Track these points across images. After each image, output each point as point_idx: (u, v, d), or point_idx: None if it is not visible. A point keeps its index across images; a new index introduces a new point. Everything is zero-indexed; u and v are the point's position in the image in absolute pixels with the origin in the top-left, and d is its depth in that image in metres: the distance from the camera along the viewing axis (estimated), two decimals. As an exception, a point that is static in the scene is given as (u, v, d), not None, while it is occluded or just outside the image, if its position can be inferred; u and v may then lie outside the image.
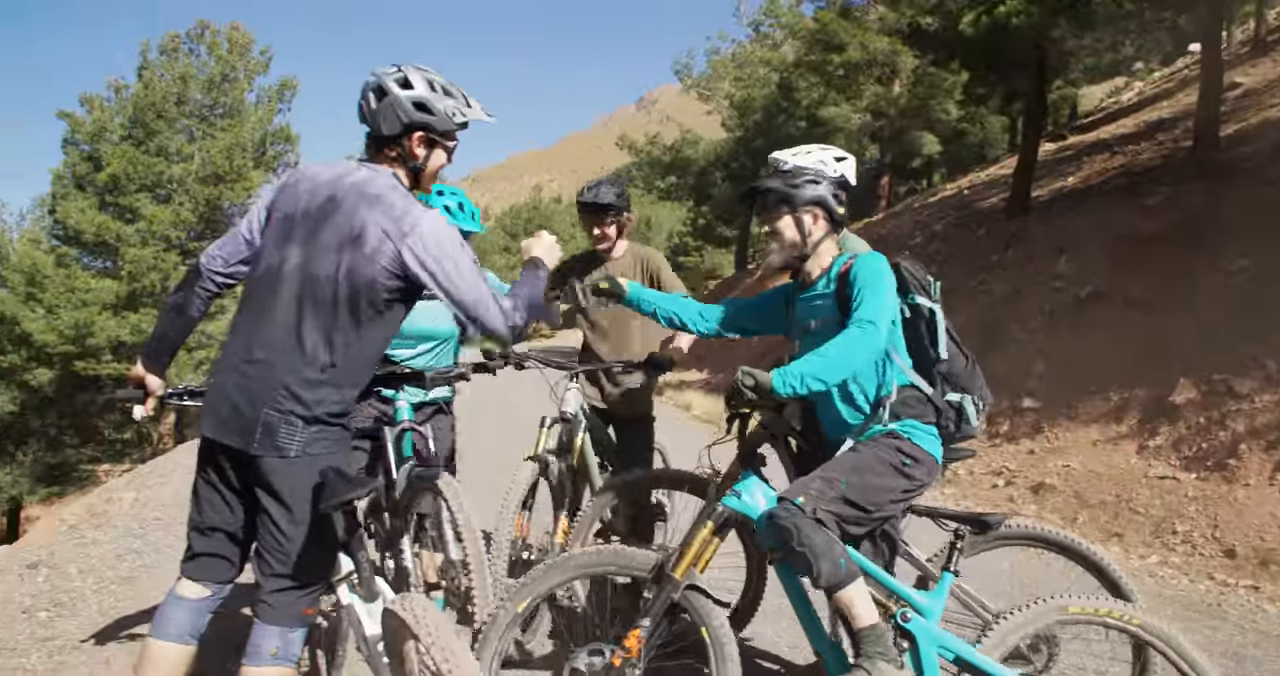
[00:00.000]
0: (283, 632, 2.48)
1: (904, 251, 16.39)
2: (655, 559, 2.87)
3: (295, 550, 2.47)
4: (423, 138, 2.63)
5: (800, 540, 2.59)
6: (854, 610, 2.64)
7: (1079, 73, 19.52)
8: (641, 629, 2.77)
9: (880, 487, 2.80)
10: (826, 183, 3.06)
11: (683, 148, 33.39)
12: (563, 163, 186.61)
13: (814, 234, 3.05)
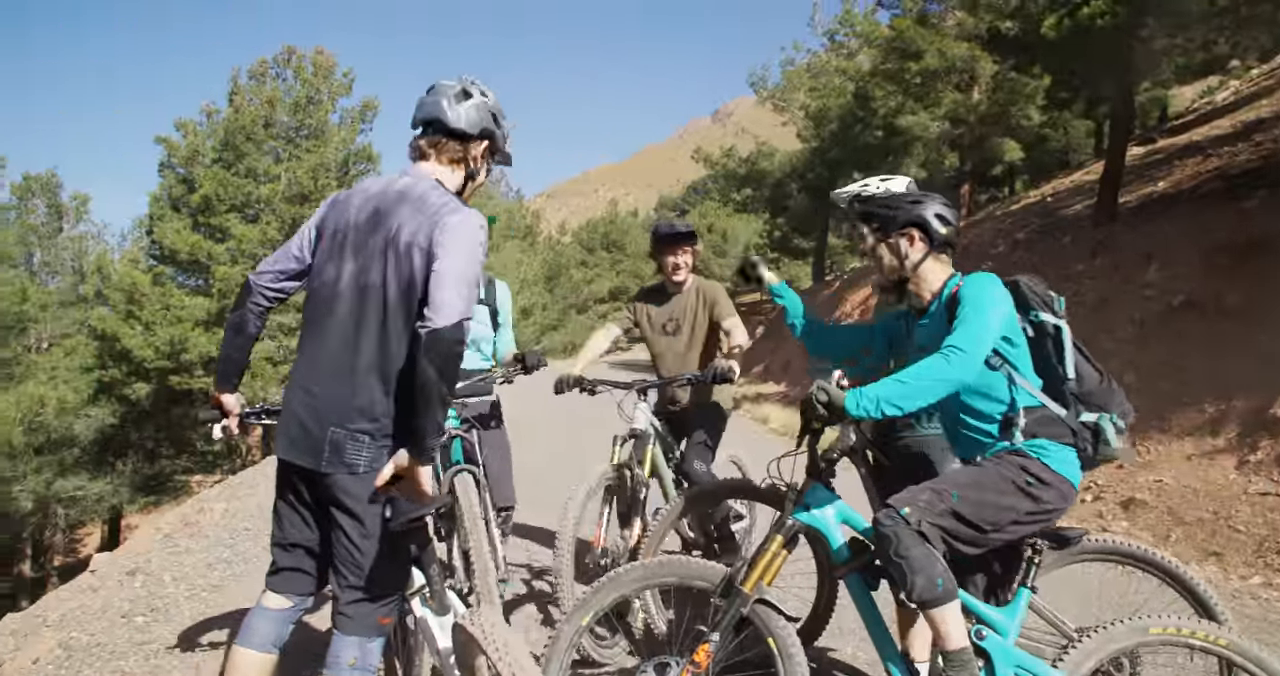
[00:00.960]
0: (361, 642, 2.53)
1: (986, 261, 16.10)
2: (723, 571, 2.85)
3: (369, 563, 2.52)
4: (486, 148, 2.76)
5: (898, 550, 2.55)
6: (944, 629, 2.57)
7: (1169, 73, 18.81)
8: (710, 643, 2.74)
9: (997, 506, 2.68)
10: (928, 202, 2.98)
11: (758, 160, 33.32)
12: (638, 176, 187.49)
13: (911, 257, 2.97)
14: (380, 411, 2.49)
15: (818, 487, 2.91)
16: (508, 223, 34.79)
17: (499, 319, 4.80)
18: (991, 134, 23.09)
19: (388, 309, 2.49)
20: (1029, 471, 2.70)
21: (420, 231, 2.48)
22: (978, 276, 2.85)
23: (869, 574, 2.84)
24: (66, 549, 25.59)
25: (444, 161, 2.70)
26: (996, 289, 2.78)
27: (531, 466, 7.61)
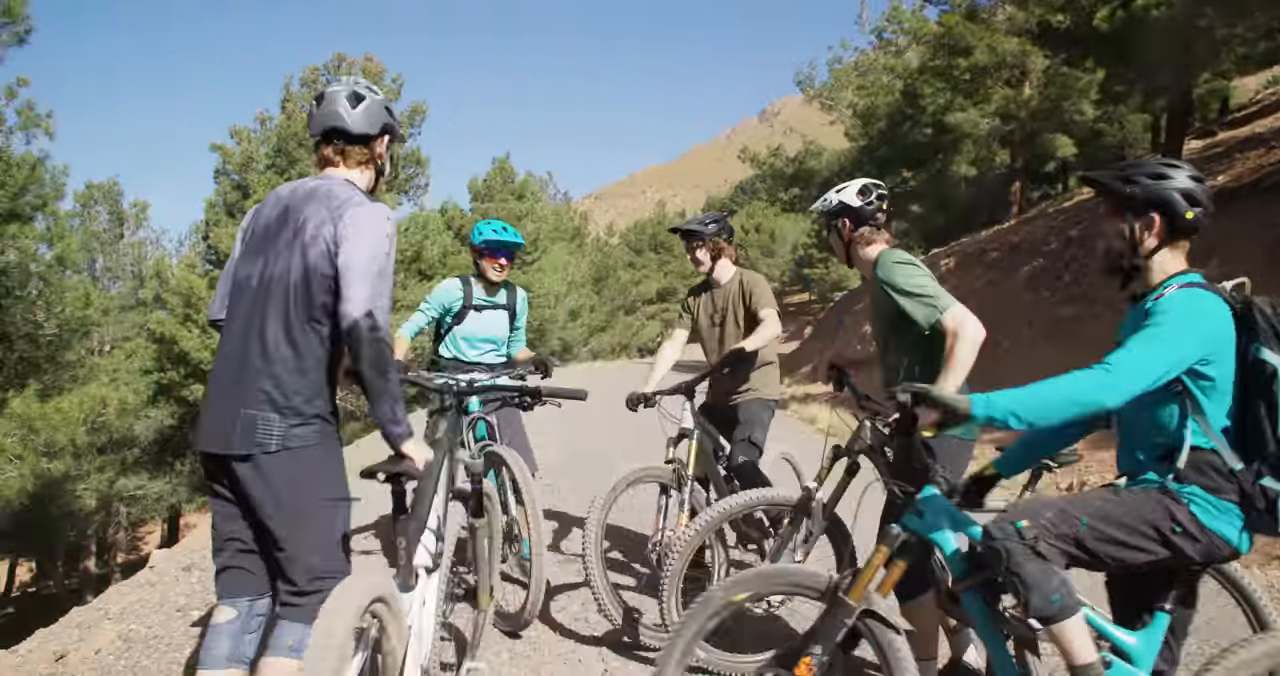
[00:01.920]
0: (304, 628, 2.48)
1: (1038, 258, 15.82)
2: (829, 580, 2.67)
3: (300, 549, 2.53)
4: (388, 141, 2.86)
5: (1010, 566, 2.36)
6: (1068, 646, 2.38)
7: (1230, 63, 18.31)
8: (813, 656, 2.59)
9: (1129, 546, 2.41)
10: (1174, 177, 2.56)
11: (806, 159, 33.03)
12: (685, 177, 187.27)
13: (1146, 243, 2.59)
14: (289, 391, 2.54)
15: (932, 493, 2.67)
16: (555, 225, 34.96)
17: (516, 322, 5.29)
18: (1043, 130, 22.66)
19: (289, 297, 2.56)
20: (1176, 519, 2.40)
21: (325, 224, 2.57)
22: (1199, 297, 2.45)
23: (988, 589, 2.59)
24: (129, 546, 26.26)
25: (352, 165, 2.79)
26: (1200, 309, 2.42)
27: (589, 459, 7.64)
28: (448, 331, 5.16)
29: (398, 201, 19.69)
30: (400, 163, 19.85)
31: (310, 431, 2.56)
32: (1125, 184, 2.58)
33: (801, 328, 37.58)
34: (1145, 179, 2.56)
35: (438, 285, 5.21)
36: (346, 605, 2.15)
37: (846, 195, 3.69)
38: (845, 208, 3.68)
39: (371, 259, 2.53)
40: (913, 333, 3.42)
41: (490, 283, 5.14)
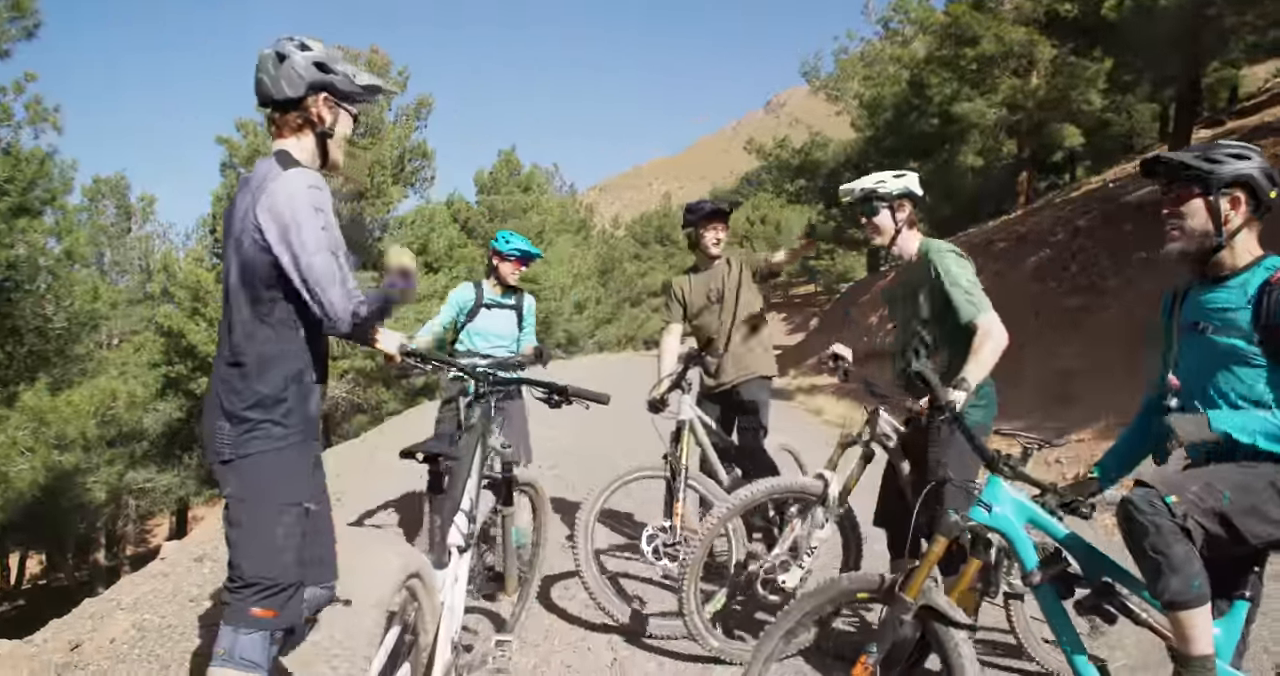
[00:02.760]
0: (234, 633, 2.46)
1: (1044, 248, 15.78)
2: (883, 579, 2.66)
3: (240, 551, 2.48)
4: (327, 100, 2.60)
5: (1156, 545, 2.30)
6: (1192, 633, 2.33)
7: (1239, 52, 18.22)
8: (869, 655, 2.56)
9: (1270, 519, 2.37)
10: (1254, 157, 2.56)
11: (811, 150, 32.98)
12: (691, 169, 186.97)
13: (1232, 221, 2.57)
14: (238, 398, 2.48)
15: (996, 483, 2.63)
16: (561, 217, 34.98)
17: (524, 324, 5.63)
18: (1051, 119, 22.58)
19: (237, 300, 2.50)
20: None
21: (248, 211, 2.45)
22: None
23: (1062, 583, 2.58)
24: (137, 539, 26.42)
25: (288, 133, 2.61)
26: None
27: (585, 457, 7.67)
28: (462, 328, 5.52)
29: (404, 194, 19.68)
30: (407, 155, 19.86)
31: (259, 439, 2.49)
32: (1209, 163, 2.56)
33: (807, 319, 37.52)
34: (1228, 158, 2.55)
35: (453, 290, 5.61)
36: (385, 581, 2.17)
37: (911, 182, 3.80)
38: (910, 193, 3.79)
39: (318, 244, 2.40)
40: (950, 321, 3.53)
41: (503, 285, 5.54)
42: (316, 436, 2.68)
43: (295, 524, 2.53)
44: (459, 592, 2.83)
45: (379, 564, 2.24)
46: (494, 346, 5.49)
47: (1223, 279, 2.61)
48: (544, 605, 4.65)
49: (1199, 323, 2.65)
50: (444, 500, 2.73)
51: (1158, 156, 2.68)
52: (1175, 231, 2.66)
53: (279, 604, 2.49)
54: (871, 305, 24.16)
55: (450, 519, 2.77)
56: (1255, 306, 2.49)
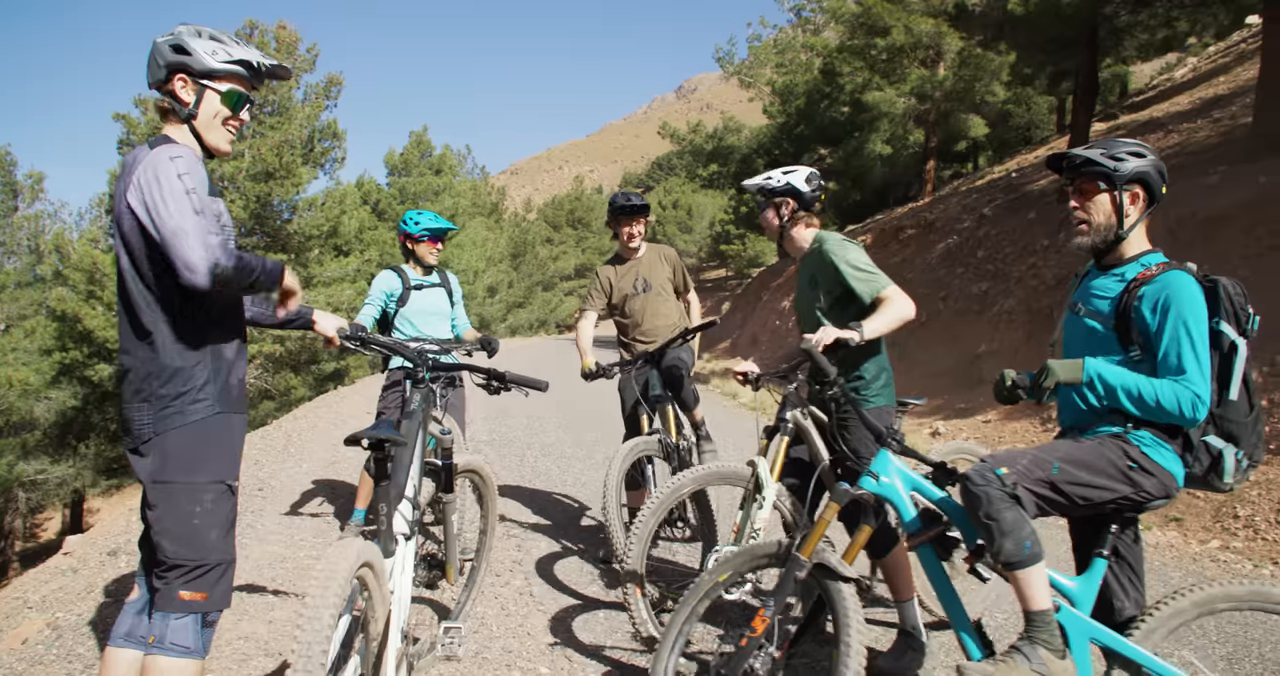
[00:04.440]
0: (163, 618, 2.43)
1: (952, 235, 16.25)
2: (782, 543, 2.89)
3: (161, 533, 2.45)
4: (184, 80, 2.57)
5: (989, 512, 2.54)
6: (1029, 592, 2.56)
7: (1131, 51, 19.06)
8: (766, 609, 2.78)
9: (1094, 485, 2.62)
10: (1150, 158, 2.78)
11: (724, 135, 33.23)
12: (603, 153, 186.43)
13: (1131, 216, 2.79)
14: (150, 377, 2.47)
15: (884, 456, 2.90)
16: (473, 200, 34.54)
17: (453, 299, 5.66)
18: (956, 110, 23.27)
19: (128, 283, 2.51)
20: (1130, 456, 2.64)
21: (123, 194, 2.47)
22: (1187, 282, 2.65)
23: (940, 544, 2.82)
24: (26, 534, 25.22)
25: (167, 120, 2.62)
26: (1195, 293, 2.64)
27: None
28: (395, 314, 5.44)
29: (314, 174, 19.11)
30: (316, 135, 19.28)
31: (177, 414, 2.46)
32: (1114, 160, 2.76)
33: (719, 303, 37.92)
34: (1129, 156, 2.76)
35: (376, 280, 5.50)
36: (338, 569, 2.16)
37: (796, 179, 3.87)
38: (793, 190, 3.86)
39: (180, 209, 2.34)
40: (853, 308, 3.66)
41: (424, 265, 5.53)
42: (241, 410, 2.63)
43: (218, 501, 2.50)
44: (406, 580, 2.81)
45: (333, 555, 2.21)
46: (432, 327, 5.44)
47: (1111, 266, 2.85)
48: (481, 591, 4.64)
49: (1076, 303, 2.90)
50: (389, 487, 2.69)
51: (1066, 153, 2.88)
52: (1083, 225, 2.85)
53: (208, 585, 2.47)
54: (785, 289, 24.56)
55: (395, 506, 2.74)
56: (1119, 296, 2.74)
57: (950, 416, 11.30)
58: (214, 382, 2.51)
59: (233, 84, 2.62)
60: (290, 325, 3.09)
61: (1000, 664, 2.51)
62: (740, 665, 2.79)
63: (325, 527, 5.77)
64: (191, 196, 2.37)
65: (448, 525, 3.43)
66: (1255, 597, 2.62)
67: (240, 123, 2.69)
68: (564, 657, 3.79)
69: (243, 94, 2.65)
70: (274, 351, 18.52)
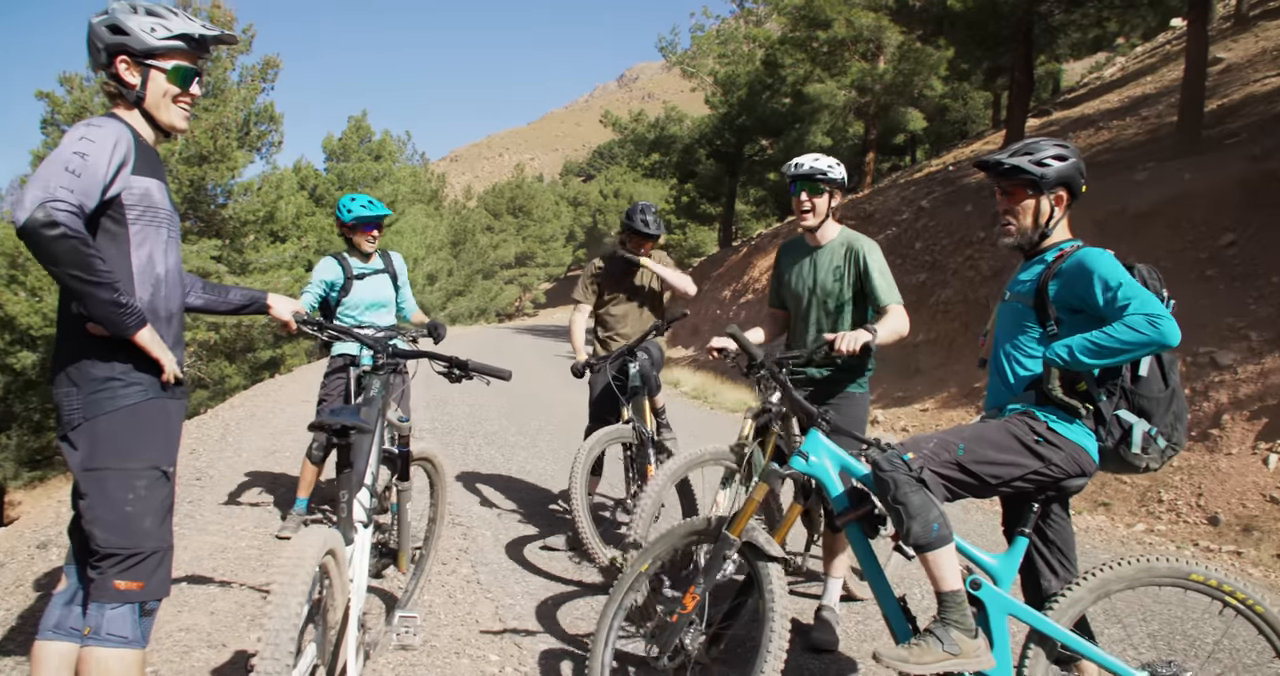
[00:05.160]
0: (99, 608, 2.37)
1: (891, 227, 16.52)
2: (711, 521, 2.96)
3: (93, 521, 2.40)
4: (127, 63, 2.49)
5: (896, 496, 2.62)
6: (939, 573, 2.64)
7: (1064, 49, 19.57)
8: (696, 586, 2.85)
9: (1001, 461, 2.71)
10: (1072, 158, 2.91)
11: (667, 125, 33.27)
12: (544, 141, 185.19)
13: (1055, 216, 2.94)
14: (83, 363, 2.41)
15: (815, 436, 2.97)
16: (413, 187, 34.06)
17: (398, 282, 5.51)
18: (895, 103, 23.65)
19: None
20: (1036, 431, 2.73)
21: None
22: (1102, 252, 2.78)
23: (867, 522, 2.89)
24: (-56, 527, 24.35)
25: (119, 103, 2.56)
26: (1117, 262, 2.75)
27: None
28: (337, 304, 5.32)
29: (250, 158, 18.68)
30: (253, 118, 18.84)
31: (107, 398, 2.40)
32: (1039, 167, 2.89)
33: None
34: (1053, 161, 2.89)
35: (316, 267, 5.37)
36: (304, 557, 2.15)
37: (845, 174, 4.05)
38: (844, 185, 4.06)
39: (52, 159, 2.25)
40: (858, 310, 4.03)
41: (362, 252, 5.39)
42: (179, 396, 2.57)
43: (152, 488, 2.44)
44: (364, 568, 2.79)
45: (299, 542, 2.20)
46: (375, 317, 5.35)
47: (1034, 255, 3.00)
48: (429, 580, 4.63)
49: (1005, 293, 3.06)
50: (350, 474, 2.67)
51: (997, 160, 3.00)
52: (1010, 227, 3.00)
53: (144, 573, 2.41)
54: (724, 279, 24.70)
55: (356, 493, 2.72)
56: (1039, 275, 2.89)
57: (889, 404, 11.52)
58: (148, 368, 2.45)
59: (177, 60, 2.53)
60: (244, 310, 3.03)
61: (914, 647, 2.59)
62: (671, 639, 2.86)
63: (265, 517, 5.68)
64: (74, 156, 2.27)
65: (402, 513, 3.41)
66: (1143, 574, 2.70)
67: (192, 98, 2.60)
68: (513, 644, 3.80)
69: (189, 68, 2.57)
70: (208, 339, 18.10)
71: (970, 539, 2.92)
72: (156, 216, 2.51)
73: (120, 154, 2.38)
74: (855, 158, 27.03)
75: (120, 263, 2.42)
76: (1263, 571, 5.58)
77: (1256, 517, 6.20)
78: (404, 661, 3.51)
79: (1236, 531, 6.18)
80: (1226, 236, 9.25)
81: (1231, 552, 5.92)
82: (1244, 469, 6.73)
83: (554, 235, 61.79)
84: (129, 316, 2.33)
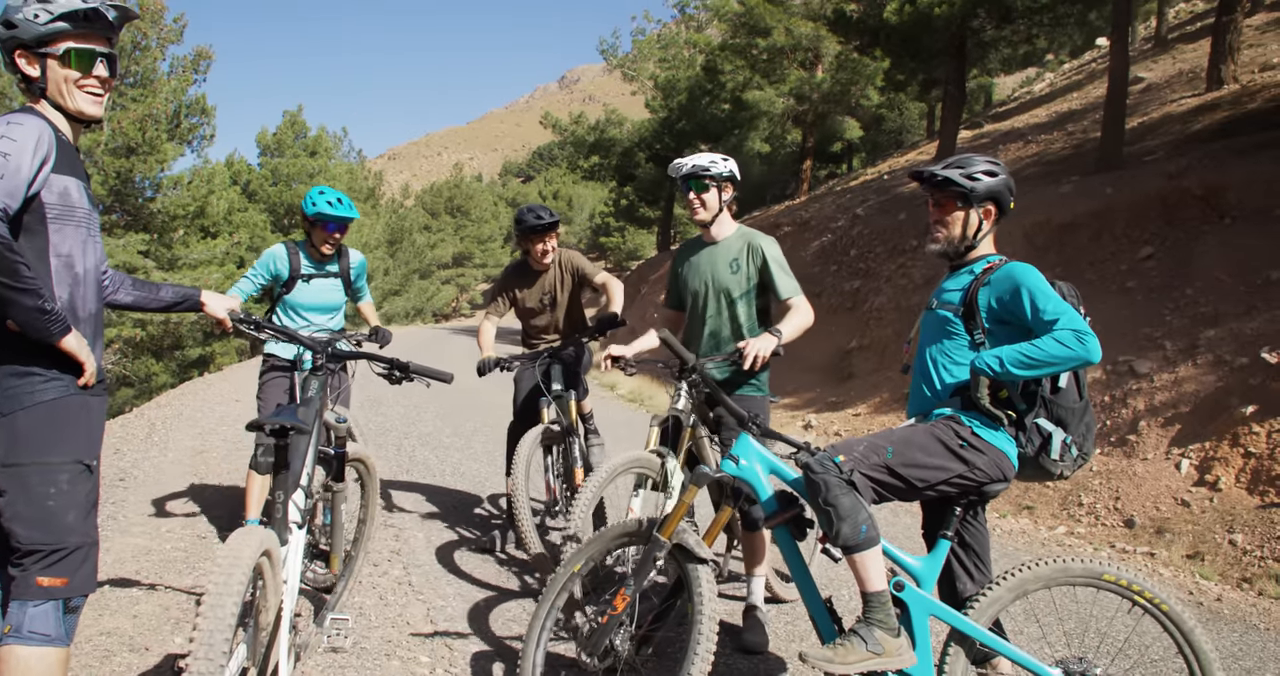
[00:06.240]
0: (20, 606, 2.33)
1: (827, 234, 16.76)
2: (642, 522, 2.99)
3: (12, 519, 2.35)
4: (24, 56, 2.45)
5: (827, 498, 2.67)
6: (865, 574, 2.71)
7: (995, 63, 20.12)
8: (626, 588, 2.89)
9: (928, 465, 2.79)
10: (1001, 174, 3.01)
11: (607, 128, 33.33)
12: (483, 141, 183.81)
13: (982, 229, 3.04)
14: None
15: (745, 440, 3.03)
16: (349, 184, 33.57)
17: (355, 284, 5.22)
18: (833, 112, 24.02)
19: None
20: (961, 436, 2.82)
21: None
22: (1027, 266, 2.88)
23: (795, 525, 2.94)
24: None
25: (31, 98, 2.51)
26: (1041, 276, 2.84)
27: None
28: (279, 298, 4.98)
29: (180, 151, 18.24)
30: (183, 110, 18.40)
31: (26, 393, 2.35)
32: (970, 181, 2.99)
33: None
34: (984, 176, 3.00)
35: (265, 252, 4.98)
36: (241, 557, 2.13)
37: (735, 168, 4.13)
38: (734, 178, 4.12)
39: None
40: (756, 304, 4.08)
41: (320, 254, 4.99)
42: (100, 393, 2.52)
43: (74, 482, 2.39)
44: (297, 570, 2.77)
45: (235, 543, 2.19)
46: (316, 320, 5.01)
47: (960, 267, 3.10)
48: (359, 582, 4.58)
49: (932, 302, 3.14)
50: (287, 475, 2.65)
51: (931, 172, 3.10)
52: (940, 234, 3.10)
53: (68, 569, 2.36)
54: (661, 283, 24.78)
55: (291, 494, 2.70)
56: (968, 286, 2.98)
57: (822, 409, 11.69)
58: (69, 367, 2.40)
59: (70, 42, 2.45)
60: (177, 308, 2.98)
61: (839, 647, 2.66)
62: (601, 640, 2.89)
63: (191, 519, 5.56)
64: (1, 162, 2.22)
65: (335, 514, 3.39)
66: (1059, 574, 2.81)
67: (99, 80, 2.51)
68: (444, 646, 3.79)
69: (87, 50, 2.47)
70: (134, 336, 17.63)
71: (897, 542, 3.01)
72: (74, 215, 2.46)
73: (42, 152, 2.33)
74: (793, 164, 27.44)
75: (38, 262, 2.37)
76: (1173, 571, 5.80)
77: (1169, 520, 6.43)
78: (334, 663, 3.48)
79: (1150, 533, 6.41)
80: (1145, 249, 9.59)
81: (1146, 553, 6.14)
82: (1158, 473, 6.97)
83: (492, 236, 61.32)
84: (54, 323, 2.30)
